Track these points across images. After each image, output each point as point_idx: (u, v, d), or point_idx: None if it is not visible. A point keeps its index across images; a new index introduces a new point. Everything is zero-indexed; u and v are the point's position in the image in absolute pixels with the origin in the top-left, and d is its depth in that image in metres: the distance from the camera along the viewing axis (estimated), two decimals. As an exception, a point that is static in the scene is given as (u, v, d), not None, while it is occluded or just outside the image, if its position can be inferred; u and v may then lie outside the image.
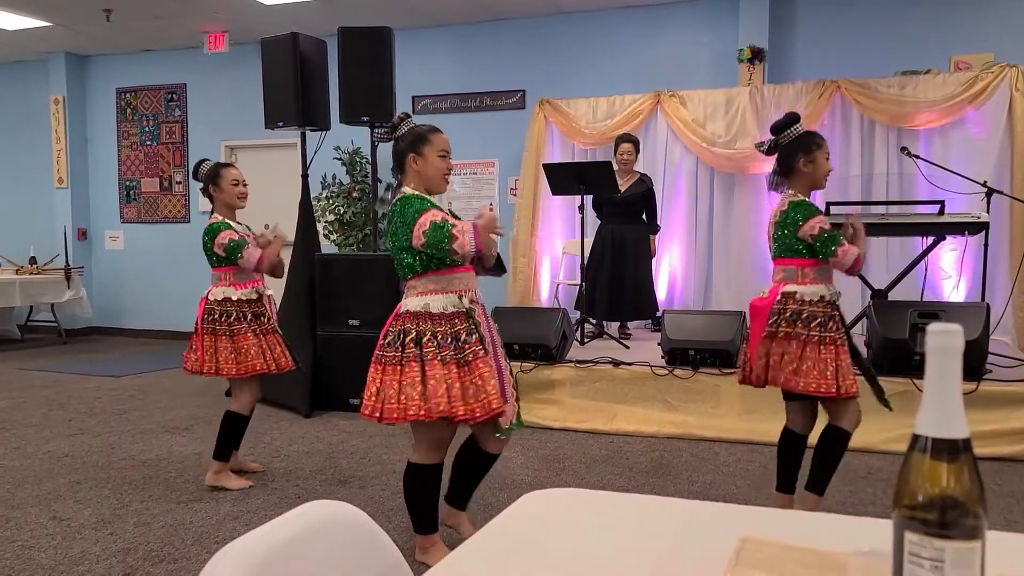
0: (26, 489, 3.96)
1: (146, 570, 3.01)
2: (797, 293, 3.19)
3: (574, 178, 5.86)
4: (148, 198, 9.50)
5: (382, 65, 5.69)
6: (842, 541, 1.01)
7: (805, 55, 7.05)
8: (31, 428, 5.19)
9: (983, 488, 0.73)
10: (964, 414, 0.73)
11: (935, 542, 0.71)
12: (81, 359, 8.01)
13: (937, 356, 0.73)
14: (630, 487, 3.99)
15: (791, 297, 3.20)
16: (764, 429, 4.67)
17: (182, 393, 6.28)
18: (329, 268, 5.77)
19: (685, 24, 7.35)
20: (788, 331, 3.17)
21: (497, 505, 3.66)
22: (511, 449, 4.62)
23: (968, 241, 5.77)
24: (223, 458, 3.98)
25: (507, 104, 7.94)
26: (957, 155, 6.17)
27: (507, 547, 1.17)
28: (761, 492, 3.89)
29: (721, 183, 7.06)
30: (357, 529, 1.12)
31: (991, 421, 4.36)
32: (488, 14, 7.75)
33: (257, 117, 6.16)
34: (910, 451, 0.75)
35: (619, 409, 5.07)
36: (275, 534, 1.01)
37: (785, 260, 3.25)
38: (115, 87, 9.53)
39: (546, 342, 5.19)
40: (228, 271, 3.89)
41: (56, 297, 8.85)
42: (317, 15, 7.57)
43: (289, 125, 5.78)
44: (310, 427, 5.22)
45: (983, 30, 6.53)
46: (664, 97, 7.04)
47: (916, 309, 4.65)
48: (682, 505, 1.32)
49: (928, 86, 6.28)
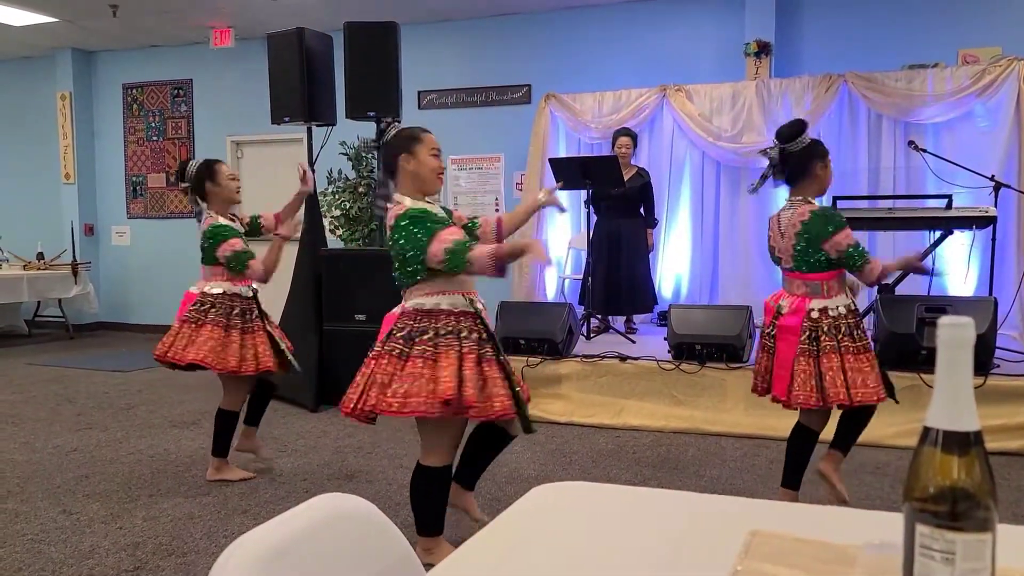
0: (35, 483, 3.98)
1: (155, 564, 3.03)
2: (828, 308, 3.18)
3: (580, 172, 5.85)
4: (155, 193, 9.52)
5: (388, 60, 5.68)
6: (852, 534, 1.01)
7: (812, 49, 7.02)
8: (39, 423, 5.22)
9: (994, 480, 0.73)
10: (975, 406, 0.73)
11: (946, 534, 0.71)
12: (88, 354, 8.04)
13: (948, 349, 0.73)
14: (637, 481, 4.00)
15: (824, 313, 3.18)
16: (771, 424, 4.67)
17: (189, 388, 6.29)
18: (335, 263, 5.78)
19: (691, 18, 7.33)
20: (830, 345, 3.15)
21: (504, 499, 3.67)
22: (518, 443, 4.62)
23: (976, 235, 5.75)
24: (222, 454, 4.00)
25: (513, 99, 7.93)
26: (965, 149, 6.14)
27: (516, 540, 1.17)
28: (768, 487, 3.89)
29: (727, 177, 7.04)
30: (367, 522, 1.13)
31: (999, 416, 4.35)
32: (493, 8, 7.74)
33: (263, 112, 6.17)
34: (921, 444, 0.75)
35: (625, 404, 5.07)
36: (285, 527, 1.02)
37: (808, 275, 3.20)
38: (121, 83, 9.54)
39: (552, 337, 5.20)
40: (219, 269, 3.91)
41: (63, 292, 8.88)
42: (323, 10, 7.57)
43: (295, 120, 5.78)
44: (317, 422, 5.24)
45: (990, 23, 6.50)
46: (670, 91, 7.02)
47: (923, 304, 4.64)
48: (691, 498, 1.32)
49: (935, 80, 6.25)
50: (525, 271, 7.39)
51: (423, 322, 2.79)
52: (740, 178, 6.96)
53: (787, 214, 3.26)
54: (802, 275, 3.22)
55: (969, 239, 5.87)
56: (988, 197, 5.54)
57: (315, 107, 5.74)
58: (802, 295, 3.22)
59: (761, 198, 6.87)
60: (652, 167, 6.99)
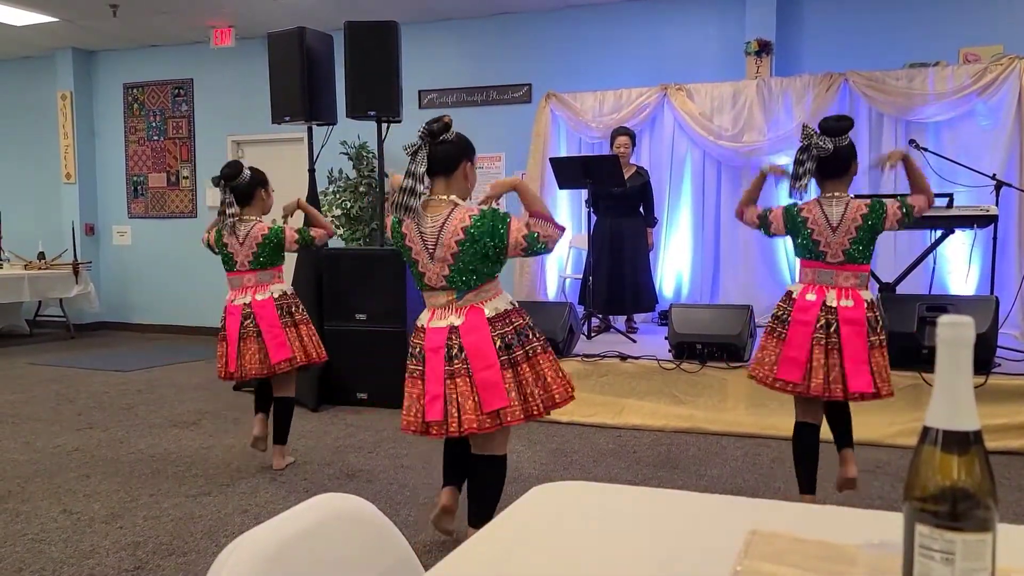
0: (36, 483, 3.98)
1: (156, 563, 3.03)
2: (874, 301, 3.24)
3: (581, 172, 5.85)
4: (155, 193, 9.52)
5: (388, 59, 5.69)
6: (852, 534, 1.01)
7: (812, 47, 7.01)
8: (40, 422, 5.22)
9: (994, 480, 0.73)
10: (975, 406, 0.73)
11: (946, 534, 0.71)
12: (89, 354, 8.05)
13: (948, 348, 0.73)
14: (637, 481, 4.00)
15: (873, 306, 3.24)
16: (772, 423, 4.67)
17: (189, 388, 6.30)
18: (336, 262, 5.78)
19: (692, 17, 7.32)
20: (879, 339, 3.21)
21: (505, 499, 3.66)
22: (519, 443, 4.63)
23: (977, 234, 5.75)
24: (284, 441, 4.24)
25: (513, 98, 7.93)
26: (966, 148, 6.14)
27: (516, 540, 1.17)
28: (769, 486, 3.89)
29: (728, 176, 7.03)
30: (368, 523, 1.13)
31: (1000, 415, 4.35)
32: (494, 8, 7.74)
33: (264, 112, 6.17)
34: (921, 443, 0.74)
35: (626, 403, 5.07)
36: (286, 527, 1.02)
37: (861, 267, 3.25)
38: (122, 82, 9.55)
39: (553, 336, 5.19)
40: (281, 269, 4.12)
41: (64, 292, 8.88)
42: (323, 9, 7.57)
43: (296, 120, 5.78)
44: (318, 421, 5.24)
45: (992, 22, 6.49)
46: (671, 90, 7.02)
47: (924, 303, 4.64)
48: (691, 498, 1.32)
49: (936, 78, 6.24)
50: (525, 271, 7.38)
51: (524, 319, 2.91)
52: (740, 177, 6.95)
53: (838, 208, 3.24)
54: (856, 267, 3.24)
55: (970, 238, 5.87)
56: (989, 196, 5.53)
57: (316, 107, 5.74)
58: (851, 287, 3.24)
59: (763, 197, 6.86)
60: (653, 166, 6.99)
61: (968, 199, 5.62)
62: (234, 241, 3.99)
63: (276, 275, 4.10)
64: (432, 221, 2.80)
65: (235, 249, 4.00)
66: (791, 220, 3.35)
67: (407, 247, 2.86)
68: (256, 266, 4.02)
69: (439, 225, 2.79)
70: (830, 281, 3.26)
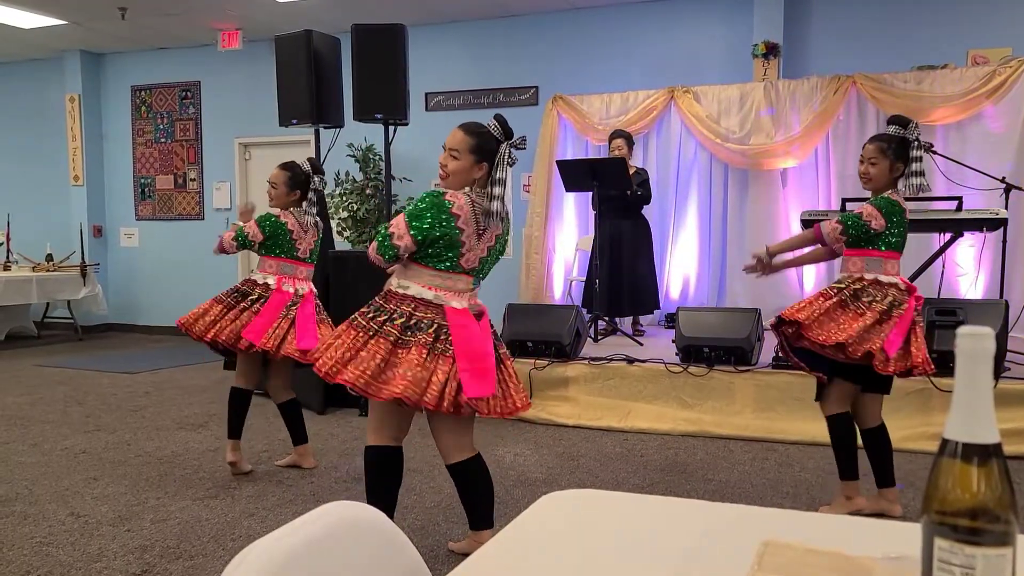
0: (44, 485, 3.98)
1: (163, 567, 3.03)
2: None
3: (587, 174, 5.85)
4: (163, 195, 9.54)
5: (395, 62, 5.68)
6: (868, 545, 1.00)
7: (820, 50, 7.00)
8: (48, 424, 5.23)
9: (1014, 493, 0.72)
10: (995, 418, 0.72)
11: (966, 548, 0.70)
12: (97, 356, 8.06)
13: (967, 359, 0.72)
14: (645, 485, 3.98)
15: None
16: (779, 427, 4.65)
17: (197, 390, 6.31)
18: (342, 265, 5.78)
19: (699, 19, 7.31)
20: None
21: (512, 503, 3.66)
22: (525, 446, 4.62)
23: (986, 237, 5.72)
24: (305, 439, 4.27)
25: (520, 100, 7.92)
26: (975, 150, 6.12)
27: (528, 549, 1.16)
28: (778, 491, 3.87)
29: (735, 179, 7.02)
30: (377, 531, 1.12)
31: (1010, 420, 4.32)
32: (501, 10, 7.74)
33: (271, 114, 6.18)
34: (940, 456, 0.73)
35: (633, 407, 5.06)
36: (296, 535, 1.01)
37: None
38: (130, 85, 9.58)
39: (560, 339, 5.19)
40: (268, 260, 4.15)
41: (72, 294, 8.91)
42: (330, 12, 7.58)
43: (303, 122, 5.79)
44: (324, 424, 5.24)
45: (1000, 24, 6.46)
46: (678, 93, 7.01)
47: (933, 306, 4.61)
48: (703, 507, 1.31)
49: (945, 81, 6.22)
50: (532, 273, 7.38)
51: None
52: (747, 180, 6.94)
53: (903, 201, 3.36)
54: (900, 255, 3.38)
55: (979, 242, 5.84)
56: (998, 199, 5.51)
57: (323, 109, 5.75)
58: (896, 272, 3.36)
59: (770, 199, 6.87)
60: (660, 169, 6.99)
61: (977, 202, 5.59)
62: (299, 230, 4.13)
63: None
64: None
65: (299, 237, 4.13)
66: (897, 213, 3.29)
67: (458, 229, 2.80)
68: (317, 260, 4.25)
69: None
70: (893, 269, 3.36)
